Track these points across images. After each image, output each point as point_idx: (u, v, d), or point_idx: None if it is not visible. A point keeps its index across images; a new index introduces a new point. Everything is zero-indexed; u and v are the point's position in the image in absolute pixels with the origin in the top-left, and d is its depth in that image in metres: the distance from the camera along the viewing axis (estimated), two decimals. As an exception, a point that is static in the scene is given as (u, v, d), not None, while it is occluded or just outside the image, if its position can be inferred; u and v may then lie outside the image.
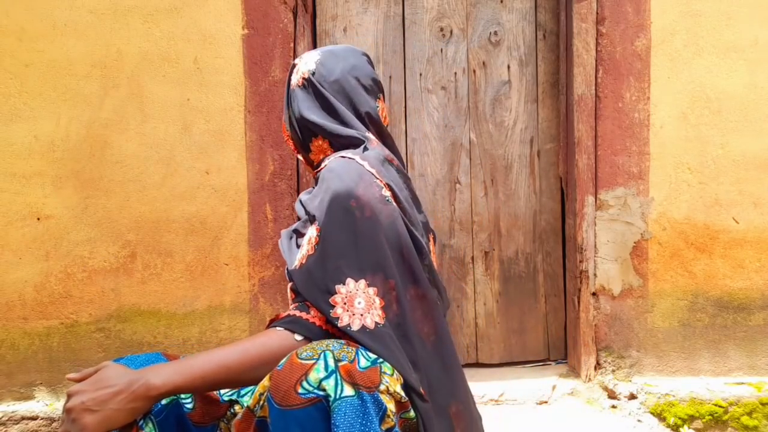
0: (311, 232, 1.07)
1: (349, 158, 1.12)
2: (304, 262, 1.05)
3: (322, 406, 0.83)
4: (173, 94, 1.99)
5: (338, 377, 0.84)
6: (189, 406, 1.05)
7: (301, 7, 2.03)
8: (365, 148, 1.17)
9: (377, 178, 1.11)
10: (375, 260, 1.02)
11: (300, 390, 0.84)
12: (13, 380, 2.00)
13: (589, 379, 2.06)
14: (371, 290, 1.01)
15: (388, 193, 1.11)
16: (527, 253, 2.25)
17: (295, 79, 1.28)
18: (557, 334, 2.26)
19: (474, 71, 2.20)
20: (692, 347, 2.05)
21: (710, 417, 1.94)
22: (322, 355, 0.87)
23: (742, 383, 2.00)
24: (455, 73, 2.20)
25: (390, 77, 2.20)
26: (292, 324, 0.99)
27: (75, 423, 0.88)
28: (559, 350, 2.27)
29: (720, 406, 1.94)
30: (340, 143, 1.21)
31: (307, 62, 1.27)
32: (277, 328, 1.00)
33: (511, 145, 2.22)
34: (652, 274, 2.04)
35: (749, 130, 2.02)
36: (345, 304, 0.98)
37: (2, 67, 1.96)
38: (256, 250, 2.01)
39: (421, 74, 2.20)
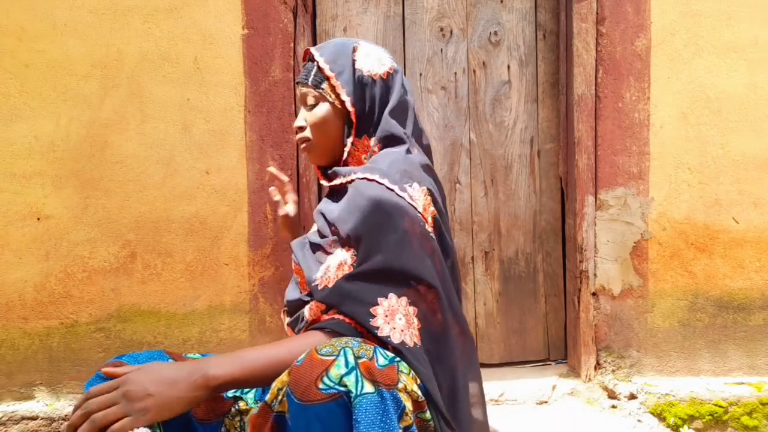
0: (342, 256, 1.09)
1: (389, 188, 1.13)
2: (336, 282, 1.06)
3: (343, 401, 0.84)
4: (173, 94, 1.99)
5: (358, 374, 0.85)
6: None
7: (301, 7, 2.03)
8: (408, 151, 1.22)
9: (419, 212, 1.13)
10: (417, 283, 1.04)
11: (321, 385, 0.84)
12: (13, 380, 2.00)
13: (589, 379, 2.06)
14: (411, 309, 1.02)
15: (430, 229, 1.13)
16: (527, 253, 2.25)
17: (378, 69, 1.29)
18: (557, 334, 2.26)
19: (474, 71, 2.20)
20: (692, 347, 2.05)
21: (710, 417, 1.94)
22: (342, 352, 0.87)
23: (742, 383, 2.00)
24: (455, 73, 2.20)
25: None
26: (336, 326, 1.00)
27: (135, 404, 0.88)
28: (559, 350, 2.27)
29: (720, 406, 1.94)
30: (389, 144, 1.25)
31: (381, 58, 1.31)
32: (325, 329, 1.01)
33: (511, 145, 2.22)
34: (652, 274, 2.04)
35: (749, 130, 2.02)
36: (386, 316, 1.00)
37: (2, 67, 1.96)
38: (256, 250, 2.01)
39: (421, 74, 2.20)
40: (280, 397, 0.90)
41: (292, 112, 2.01)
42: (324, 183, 1.32)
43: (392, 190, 1.11)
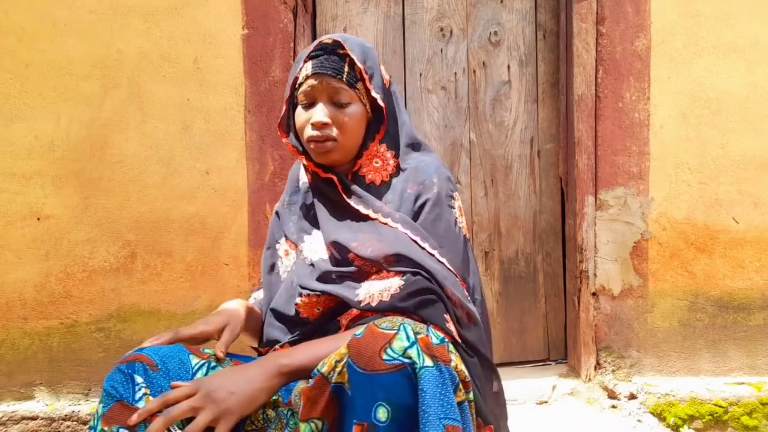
0: (396, 283, 1.10)
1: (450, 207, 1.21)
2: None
3: (407, 372, 0.86)
4: (173, 94, 1.99)
5: (419, 348, 0.87)
6: None
7: (301, 7, 2.03)
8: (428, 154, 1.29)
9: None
10: (469, 294, 1.18)
11: (385, 357, 0.86)
12: (13, 380, 2.00)
13: (589, 379, 2.06)
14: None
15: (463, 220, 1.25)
16: (527, 253, 2.25)
17: (386, 76, 1.28)
18: (557, 334, 2.26)
19: (474, 71, 2.20)
20: (692, 347, 2.05)
21: (710, 417, 1.94)
22: (401, 327, 0.90)
23: (742, 383, 2.00)
24: (455, 73, 2.20)
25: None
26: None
27: (221, 405, 0.93)
28: (559, 350, 2.27)
29: (720, 406, 1.94)
30: (414, 149, 1.28)
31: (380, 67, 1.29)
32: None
33: (511, 145, 2.22)
34: (652, 274, 2.04)
35: (749, 130, 2.02)
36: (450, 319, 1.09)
37: (2, 67, 1.96)
38: (256, 250, 2.01)
39: (421, 74, 2.20)
40: (339, 369, 0.91)
41: (292, 112, 2.00)
42: (349, 200, 1.22)
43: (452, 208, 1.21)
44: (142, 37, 1.97)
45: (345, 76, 1.19)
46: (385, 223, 1.16)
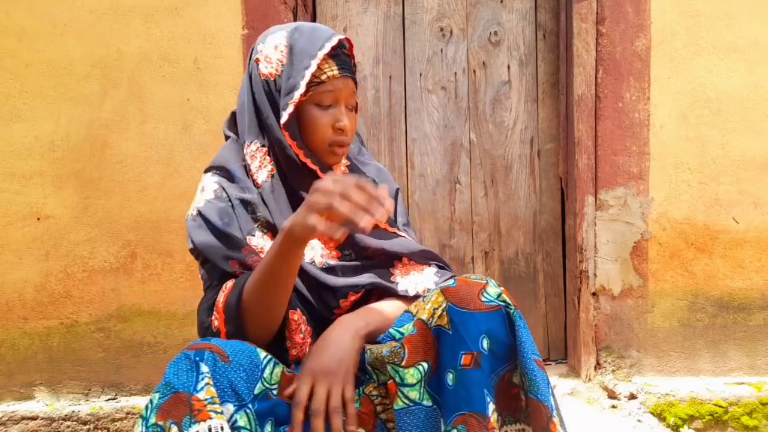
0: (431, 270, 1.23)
1: None
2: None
3: (502, 313, 0.97)
4: (173, 94, 1.99)
5: (506, 296, 1.00)
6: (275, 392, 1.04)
7: (301, 7, 2.03)
8: None
9: None
10: None
11: (483, 299, 0.98)
12: (13, 380, 2.00)
13: (589, 379, 2.06)
14: None
15: None
16: (527, 254, 2.25)
17: None
18: (557, 334, 2.26)
19: (474, 71, 2.20)
20: (692, 347, 2.05)
21: (710, 417, 1.94)
22: (487, 280, 1.01)
23: (742, 383, 2.00)
24: (455, 73, 2.20)
25: (390, 77, 2.20)
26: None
27: (338, 375, 1.00)
28: (559, 350, 2.27)
29: (720, 406, 1.94)
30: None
31: None
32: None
33: (511, 145, 2.22)
34: (652, 274, 2.04)
35: (749, 130, 2.02)
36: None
37: (2, 67, 1.96)
38: (256, 250, 2.01)
39: (421, 74, 2.20)
40: (438, 313, 1.00)
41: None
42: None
43: None
44: (142, 37, 1.97)
45: (356, 76, 1.19)
46: None
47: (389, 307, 1.12)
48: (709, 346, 2.05)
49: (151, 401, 0.91)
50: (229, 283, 1.10)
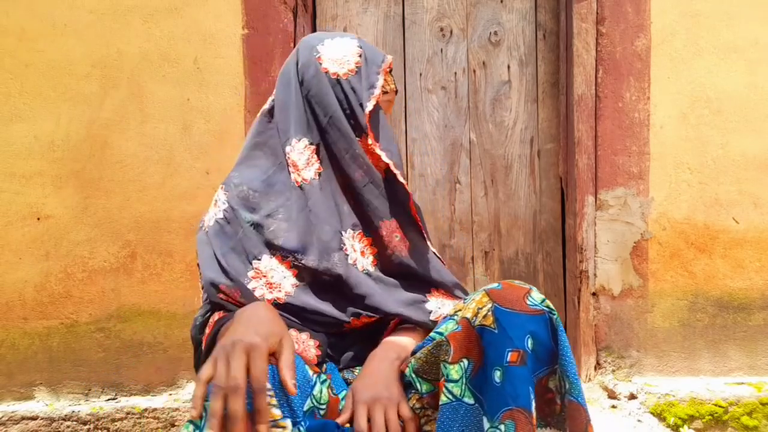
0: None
1: None
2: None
3: (545, 318, 0.98)
4: (173, 94, 1.99)
5: (550, 303, 1.01)
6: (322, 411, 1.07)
7: (301, 7, 2.03)
8: None
9: None
10: None
11: (528, 302, 0.99)
12: (13, 380, 2.00)
13: (589, 379, 2.06)
14: None
15: None
16: (527, 253, 2.25)
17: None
18: (557, 334, 2.26)
19: (474, 71, 2.20)
20: (692, 347, 2.05)
21: (710, 417, 1.94)
22: (530, 286, 1.02)
23: (742, 383, 2.00)
24: (455, 73, 2.20)
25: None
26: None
27: (391, 399, 1.03)
28: (559, 350, 2.26)
29: (720, 406, 1.94)
30: None
31: None
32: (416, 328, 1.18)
33: (511, 145, 2.22)
34: (652, 274, 2.04)
35: (749, 130, 2.02)
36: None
37: (2, 67, 1.96)
38: (256, 250, 2.01)
39: (421, 74, 2.20)
40: (483, 313, 1.00)
41: (292, 112, 2.00)
42: None
43: None
44: (142, 37, 1.97)
45: None
46: None
47: (408, 341, 1.15)
48: (709, 346, 2.05)
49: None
50: (216, 316, 1.12)
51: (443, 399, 1.00)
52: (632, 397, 1.98)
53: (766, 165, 2.03)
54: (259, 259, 1.14)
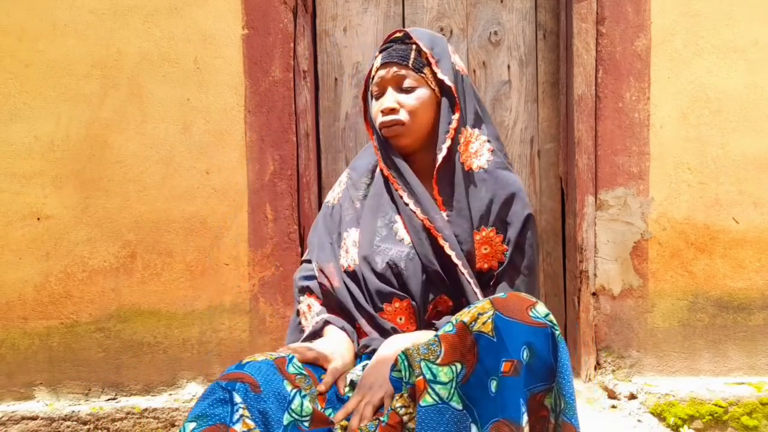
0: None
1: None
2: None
3: (548, 331, 0.98)
4: (173, 94, 1.99)
5: (553, 318, 1.01)
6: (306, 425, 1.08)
7: (301, 7, 2.03)
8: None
9: None
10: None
11: (531, 314, 0.99)
12: (13, 380, 2.01)
13: (589, 379, 2.06)
14: None
15: None
16: (527, 253, 2.24)
17: (463, 66, 1.38)
18: (557, 334, 2.26)
19: (474, 71, 2.20)
20: (692, 347, 2.05)
21: (710, 417, 1.94)
22: (538, 300, 1.03)
23: (742, 383, 2.00)
24: (455, 73, 2.20)
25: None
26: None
27: (385, 388, 1.10)
28: (559, 350, 2.26)
29: (720, 406, 1.94)
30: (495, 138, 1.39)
31: (460, 59, 1.40)
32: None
33: (511, 145, 2.22)
34: (652, 274, 2.04)
35: (749, 130, 2.02)
36: None
37: (2, 67, 1.96)
38: (256, 250, 2.01)
39: (421, 74, 2.20)
40: (483, 320, 0.99)
41: (292, 112, 2.00)
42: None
43: None
44: (142, 37, 1.97)
45: (411, 61, 1.28)
46: (429, 229, 1.28)
47: (418, 335, 1.22)
48: (709, 346, 2.05)
49: (183, 429, 0.95)
50: (302, 305, 1.38)
51: (428, 400, 0.98)
52: (632, 397, 1.98)
53: (766, 165, 2.03)
54: (347, 231, 1.40)
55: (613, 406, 1.99)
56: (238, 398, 0.97)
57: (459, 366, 0.99)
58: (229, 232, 2.01)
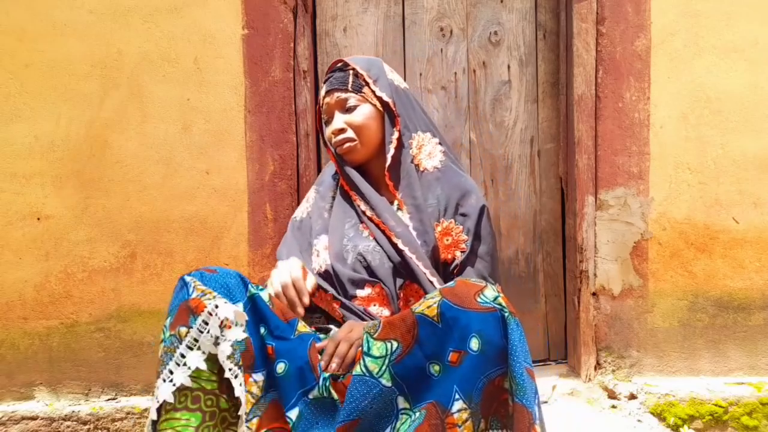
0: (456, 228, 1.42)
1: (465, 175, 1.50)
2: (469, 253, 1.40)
3: (497, 315, 1.00)
4: (173, 94, 1.99)
5: (503, 301, 1.02)
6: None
7: (301, 7, 2.03)
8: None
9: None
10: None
11: (479, 300, 1.01)
12: (13, 380, 2.01)
13: (589, 379, 2.06)
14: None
15: None
16: (527, 253, 2.25)
17: (402, 83, 1.54)
18: (557, 334, 2.26)
19: (474, 71, 2.20)
20: (692, 347, 2.05)
21: (710, 417, 1.94)
22: (487, 283, 1.06)
23: (742, 383, 2.00)
24: (455, 73, 2.20)
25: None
26: None
27: (361, 329, 1.18)
28: (559, 350, 2.27)
29: (720, 406, 1.94)
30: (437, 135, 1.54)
31: (399, 77, 1.56)
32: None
33: (511, 145, 2.22)
34: (652, 274, 2.04)
35: (749, 130, 2.02)
36: None
37: (2, 67, 1.96)
38: (256, 250, 2.01)
39: (421, 74, 2.20)
40: (428, 304, 1.04)
41: (292, 112, 2.00)
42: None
43: None
44: (142, 37, 1.97)
45: (350, 84, 1.44)
46: (385, 230, 1.40)
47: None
48: (709, 346, 2.05)
49: (165, 326, 1.16)
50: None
51: (357, 370, 1.04)
52: (632, 397, 1.98)
53: (766, 165, 2.03)
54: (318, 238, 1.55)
55: (613, 406, 1.99)
56: (189, 278, 1.17)
57: (395, 344, 1.04)
58: (229, 232, 2.01)
